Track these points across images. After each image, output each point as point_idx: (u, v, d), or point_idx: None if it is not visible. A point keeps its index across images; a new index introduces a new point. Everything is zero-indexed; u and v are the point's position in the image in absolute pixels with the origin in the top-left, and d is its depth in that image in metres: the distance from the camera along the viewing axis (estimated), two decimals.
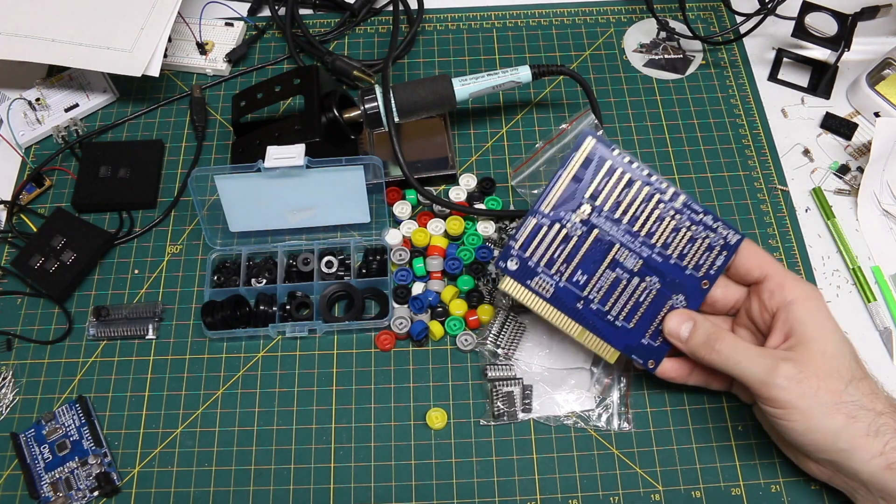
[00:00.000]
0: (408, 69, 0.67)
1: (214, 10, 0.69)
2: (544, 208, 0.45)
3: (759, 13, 0.63)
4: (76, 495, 0.48)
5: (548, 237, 0.45)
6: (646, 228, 0.45)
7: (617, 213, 0.45)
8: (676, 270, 0.46)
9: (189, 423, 0.51)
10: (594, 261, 0.45)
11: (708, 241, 0.46)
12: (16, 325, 0.55)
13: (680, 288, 0.46)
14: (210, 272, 0.56)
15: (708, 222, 0.45)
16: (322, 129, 0.55)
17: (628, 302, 0.46)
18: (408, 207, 0.58)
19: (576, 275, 0.45)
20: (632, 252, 0.46)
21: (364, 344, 0.54)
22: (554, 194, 0.45)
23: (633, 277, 0.46)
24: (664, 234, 0.46)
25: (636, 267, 0.46)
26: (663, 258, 0.46)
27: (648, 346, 0.46)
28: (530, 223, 0.45)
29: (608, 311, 0.46)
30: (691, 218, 0.45)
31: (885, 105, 0.62)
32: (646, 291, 0.46)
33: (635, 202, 0.45)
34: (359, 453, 0.50)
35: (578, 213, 0.45)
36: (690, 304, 0.46)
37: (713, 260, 0.46)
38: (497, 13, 0.70)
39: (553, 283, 0.45)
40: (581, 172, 0.45)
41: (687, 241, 0.46)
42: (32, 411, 0.52)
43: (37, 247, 0.56)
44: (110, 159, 0.61)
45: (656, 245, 0.46)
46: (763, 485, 0.48)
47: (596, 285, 0.45)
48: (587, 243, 0.45)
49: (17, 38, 0.61)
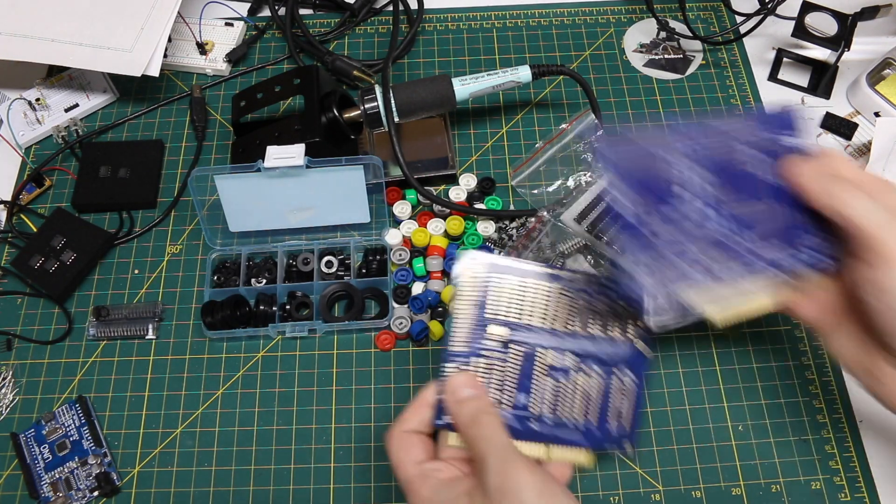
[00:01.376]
0: (408, 69, 0.67)
1: (214, 10, 0.69)
2: (454, 348, 0.42)
3: (759, 13, 0.63)
4: (76, 495, 0.48)
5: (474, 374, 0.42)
6: (559, 320, 0.43)
7: (523, 317, 0.43)
8: (609, 347, 0.43)
9: (189, 423, 0.51)
10: (526, 375, 0.42)
11: (621, 306, 0.44)
12: (16, 325, 0.55)
13: (619, 360, 0.43)
14: (210, 272, 0.56)
15: (609, 285, 0.44)
16: (322, 129, 0.55)
17: (576, 400, 0.42)
18: (408, 207, 0.58)
19: (517, 398, 0.41)
20: (557, 350, 0.43)
21: (364, 344, 0.54)
22: (458, 330, 0.42)
23: (571, 374, 0.43)
24: (579, 315, 0.43)
25: (569, 363, 0.43)
26: (590, 340, 0.43)
27: (619, 431, 0.43)
28: (450, 370, 0.41)
29: (564, 420, 0.42)
30: (597, 290, 0.44)
31: (885, 105, 0.62)
32: (590, 382, 0.43)
33: (537, 299, 0.43)
34: (359, 453, 0.50)
35: (489, 335, 0.42)
36: (638, 376, 0.43)
37: (635, 324, 0.44)
38: (497, 13, 0.70)
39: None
40: (479, 296, 0.43)
41: (602, 315, 0.44)
42: (32, 411, 0.52)
43: (37, 247, 0.56)
44: (110, 159, 0.61)
45: (577, 332, 0.43)
46: (763, 485, 0.48)
47: (539, 399, 0.42)
48: (513, 362, 0.42)
49: (17, 38, 0.61)
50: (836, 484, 0.48)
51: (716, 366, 0.52)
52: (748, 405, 0.51)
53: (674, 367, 0.52)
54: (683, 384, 0.52)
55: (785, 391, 0.51)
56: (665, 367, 0.52)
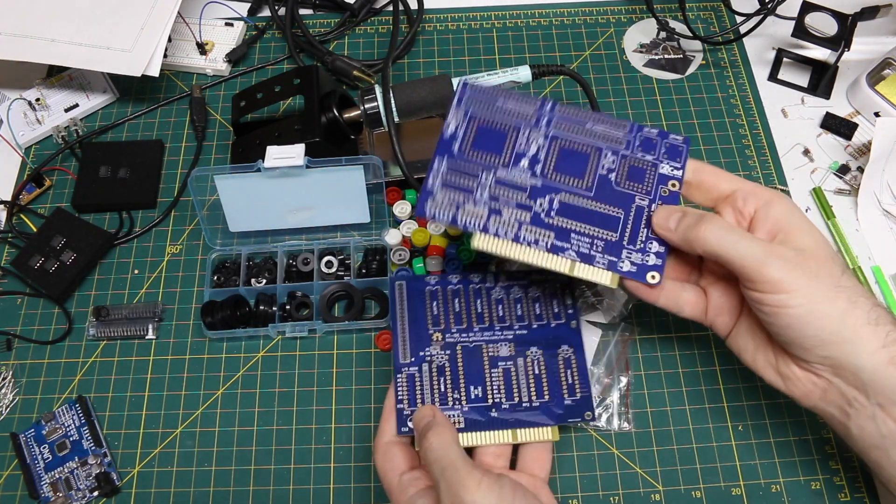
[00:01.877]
0: (408, 69, 0.67)
1: (214, 10, 0.69)
2: (403, 359, 0.45)
3: (759, 13, 0.63)
4: (76, 495, 0.48)
5: (425, 380, 0.45)
6: (494, 316, 0.47)
7: (463, 322, 0.47)
8: (543, 331, 0.47)
9: (189, 423, 0.51)
10: (476, 371, 0.45)
11: (547, 289, 0.48)
12: (16, 325, 0.55)
13: (558, 340, 0.47)
14: (210, 272, 0.56)
15: (535, 278, 0.48)
16: (322, 129, 0.55)
17: (529, 382, 0.45)
18: (408, 207, 0.58)
19: (471, 392, 0.45)
20: (499, 342, 0.46)
21: (364, 344, 0.54)
22: (403, 344, 0.46)
23: (516, 360, 0.46)
24: (510, 309, 0.47)
25: (511, 350, 0.46)
26: (526, 329, 0.47)
27: (574, 402, 0.45)
28: (401, 379, 0.45)
29: (519, 402, 0.45)
30: (521, 285, 0.48)
31: (885, 105, 0.62)
32: (534, 363, 0.46)
33: (471, 305, 0.48)
34: (358, 453, 0.50)
35: (434, 343, 0.46)
36: (576, 349, 0.46)
37: (562, 301, 0.48)
38: (497, 13, 0.70)
39: (458, 412, 0.44)
40: (413, 311, 0.47)
41: (531, 302, 0.48)
42: (32, 411, 0.52)
43: (37, 247, 0.56)
44: (110, 159, 0.61)
45: (512, 324, 0.47)
46: (763, 485, 0.48)
47: (493, 388, 0.45)
48: (459, 361, 0.46)
49: (17, 38, 0.61)
50: (836, 484, 0.48)
51: (716, 366, 0.52)
52: (748, 405, 0.51)
53: (674, 367, 0.52)
54: (683, 384, 0.52)
55: None
56: (665, 367, 0.52)
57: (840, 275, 0.38)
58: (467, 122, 0.46)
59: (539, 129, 0.45)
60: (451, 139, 0.45)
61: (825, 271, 0.38)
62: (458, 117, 0.46)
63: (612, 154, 0.45)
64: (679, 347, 0.53)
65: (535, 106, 0.46)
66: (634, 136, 0.45)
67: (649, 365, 0.52)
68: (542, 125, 0.45)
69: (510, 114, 0.46)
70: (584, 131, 0.45)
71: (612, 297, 0.53)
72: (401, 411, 0.44)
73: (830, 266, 0.39)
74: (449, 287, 0.48)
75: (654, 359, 0.53)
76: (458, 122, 0.46)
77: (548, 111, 0.46)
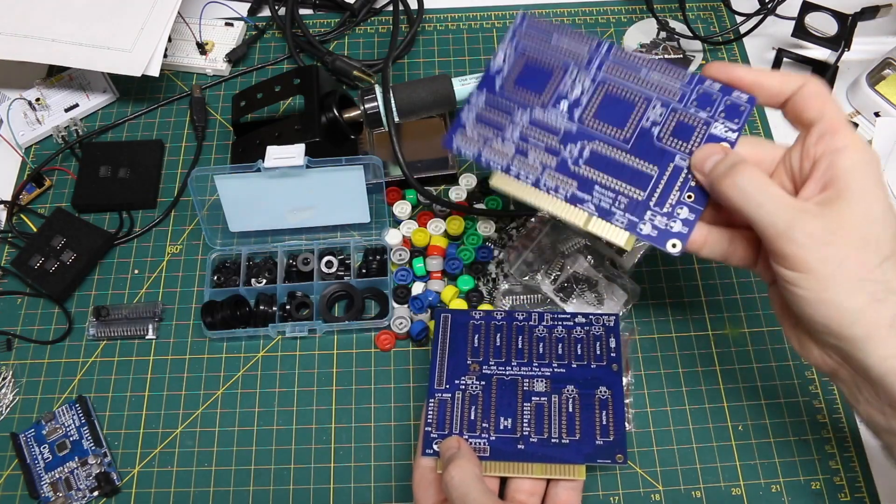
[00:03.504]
0: (408, 69, 0.67)
1: (214, 10, 0.69)
2: (438, 385, 0.45)
3: (759, 13, 0.63)
4: (76, 495, 0.48)
5: (456, 407, 0.44)
6: (534, 353, 0.46)
7: (502, 356, 0.46)
8: (583, 371, 0.46)
9: (189, 423, 0.51)
10: (508, 403, 0.44)
11: (592, 332, 0.47)
12: (16, 325, 0.55)
13: (597, 381, 0.45)
14: (210, 272, 0.56)
15: (580, 321, 0.48)
16: (322, 129, 0.55)
17: (561, 419, 0.44)
18: (408, 207, 0.58)
19: (500, 423, 0.44)
20: (535, 377, 0.46)
21: (364, 344, 0.54)
22: (439, 372, 0.46)
23: (550, 396, 0.45)
24: (551, 348, 0.47)
25: (547, 387, 0.45)
26: (565, 368, 0.46)
27: (605, 444, 0.43)
28: (433, 404, 0.44)
29: (549, 437, 0.43)
30: (565, 326, 0.47)
31: (885, 105, 0.62)
32: (569, 401, 0.45)
33: (512, 341, 0.47)
34: (359, 453, 0.50)
35: (470, 373, 0.46)
36: (615, 393, 0.45)
37: (605, 344, 0.47)
38: (497, 13, 0.70)
39: (484, 440, 0.43)
40: (455, 342, 0.47)
41: (573, 343, 0.47)
42: (32, 411, 0.52)
43: (37, 247, 0.56)
44: (110, 159, 0.61)
45: (551, 362, 0.46)
46: (763, 485, 0.48)
47: (523, 421, 0.44)
48: (493, 392, 0.45)
49: (17, 38, 0.61)
50: (836, 484, 0.48)
51: (716, 366, 0.52)
52: (748, 405, 0.51)
53: (674, 367, 0.52)
54: (683, 384, 0.52)
55: (785, 391, 0.51)
56: (665, 368, 0.52)
57: (876, 265, 0.34)
58: (515, 57, 0.44)
59: (589, 72, 0.43)
60: (496, 73, 0.44)
61: (855, 258, 0.33)
62: (508, 50, 0.44)
63: (662, 106, 0.42)
64: (679, 347, 0.53)
65: (590, 46, 0.44)
66: (692, 90, 0.42)
67: (649, 365, 0.52)
68: (593, 67, 0.43)
69: (562, 52, 0.44)
70: (637, 78, 0.42)
71: (613, 296, 0.53)
72: (428, 434, 0.43)
73: (867, 251, 0.34)
74: (493, 322, 0.48)
75: (654, 359, 0.53)
76: (506, 56, 0.44)
77: (602, 53, 0.43)
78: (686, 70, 0.42)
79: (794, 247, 0.34)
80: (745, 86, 0.41)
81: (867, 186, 0.34)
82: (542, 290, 0.53)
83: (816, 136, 0.36)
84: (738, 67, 0.41)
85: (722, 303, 0.55)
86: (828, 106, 0.37)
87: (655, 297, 0.55)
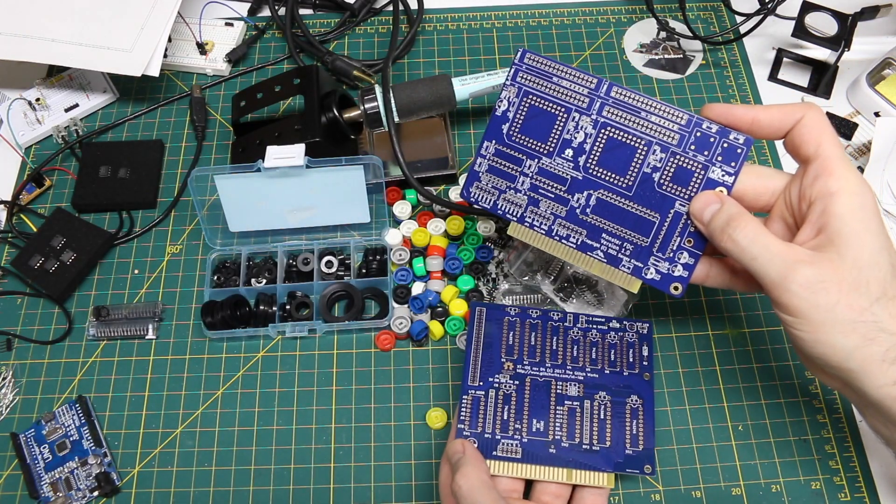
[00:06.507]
0: (408, 69, 0.67)
1: (214, 10, 0.69)
2: (472, 382, 0.46)
3: (759, 13, 0.63)
4: (76, 495, 0.48)
5: (489, 405, 0.45)
6: (568, 356, 0.47)
7: (536, 356, 0.47)
8: (615, 378, 0.46)
9: (189, 423, 0.51)
10: (542, 405, 0.45)
11: (625, 338, 0.48)
12: (16, 325, 0.55)
13: (629, 390, 0.46)
14: (210, 272, 0.56)
15: (614, 326, 0.48)
16: (322, 128, 0.55)
17: (592, 425, 0.45)
18: (408, 207, 0.58)
19: (533, 425, 0.44)
20: (568, 381, 0.46)
21: (364, 344, 0.54)
22: (473, 367, 0.46)
23: (583, 401, 0.45)
24: (585, 351, 0.47)
25: (580, 392, 0.46)
26: (598, 373, 0.46)
27: (635, 453, 0.44)
28: (466, 400, 0.45)
29: (580, 442, 0.44)
30: (599, 330, 0.48)
31: (885, 105, 0.62)
32: (601, 408, 0.45)
33: (546, 340, 0.47)
34: (359, 453, 0.50)
35: (504, 371, 0.46)
36: (646, 402, 0.46)
37: (638, 352, 0.47)
38: (497, 13, 0.70)
39: (517, 442, 0.44)
40: (489, 337, 0.47)
41: (607, 349, 0.47)
42: (32, 411, 0.52)
43: (37, 247, 0.56)
44: (110, 159, 0.61)
45: (585, 366, 0.47)
46: (763, 485, 0.48)
47: (556, 425, 0.45)
48: (527, 393, 0.45)
49: (17, 38, 0.61)
50: (836, 484, 0.48)
51: (716, 366, 0.52)
52: (748, 405, 0.51)
53: (674, 367, 0.52)
54: (683, 384, 0.52)
55: (785, 391, 0.51)
56: (665, 368, 0.52)
57: (866, 307, 0.36)
58: (520, 100, 0.45)
59: (590, 115, 0.44)
60: (502, 119, 0.46)
61: (846, 302, 0.36)
62: (512, 93, 0.46)
63: (662, 151, 0.43)
64: (679, 347, 0.53)
65: (590, 86, 0.44)
66: (690, 132, 0.43)
67: None
68: (594, 111, 0.44)
69: (563, 93, 0.45)
70: (637, 122, 0.44)
71: (613, 296, 0.53)
72: (461, 430, 0.44)
73: (857, 295, 0.36)
74: (528, 320, 0.48)
75: (655, 358, 0.52)
76: (510, 99, 0.46)
77: (603, 93, 0.44)
78: (684, 111, 0.43)
79: (788, 295, 0.37)
80: (743, 125, 0.42)
81: (858, 231, 0.37)
82: (542, 290, 0.53)
83: (812, 177, 0.39)
84: (735, 107, 0.42)
85: (722, 303, 0.55)
86: (824, 140, 0.39)
87: (655, 298, 0.55)
